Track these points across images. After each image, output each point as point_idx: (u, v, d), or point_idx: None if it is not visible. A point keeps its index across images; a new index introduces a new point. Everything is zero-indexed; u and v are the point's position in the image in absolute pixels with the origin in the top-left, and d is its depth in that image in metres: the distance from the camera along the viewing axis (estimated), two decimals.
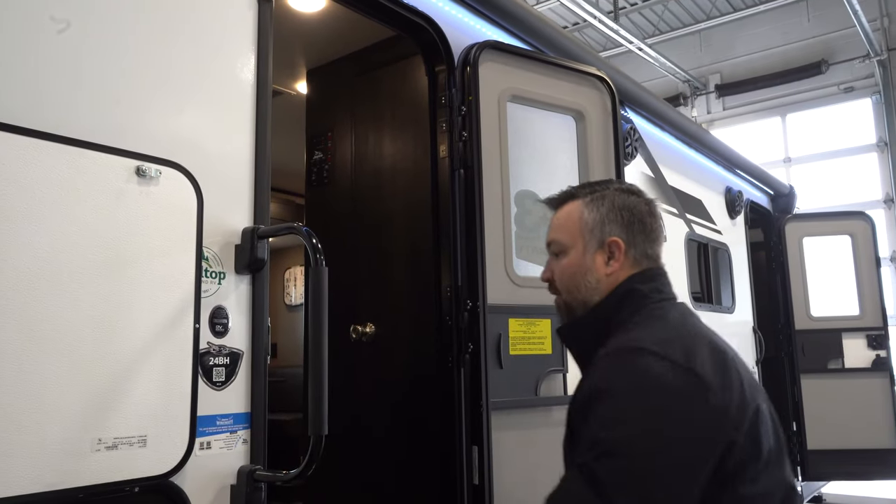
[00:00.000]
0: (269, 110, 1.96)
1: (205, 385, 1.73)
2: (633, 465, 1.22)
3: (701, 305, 4.47)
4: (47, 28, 1.53)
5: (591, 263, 1.53)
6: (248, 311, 1.87)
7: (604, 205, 1.55)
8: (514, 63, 2.77)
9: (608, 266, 1.52)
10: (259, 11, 1.98)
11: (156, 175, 1.64)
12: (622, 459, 1.22)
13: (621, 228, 1.53)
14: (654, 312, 1.46)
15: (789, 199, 6.29)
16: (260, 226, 1.87)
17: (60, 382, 1.44)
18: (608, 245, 1.52)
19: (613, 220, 1.54)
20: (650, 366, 1.28)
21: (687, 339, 1.36)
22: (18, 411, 1.37)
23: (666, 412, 1.25)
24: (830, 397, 5.56)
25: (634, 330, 1.41)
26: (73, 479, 1.44)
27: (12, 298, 1.38)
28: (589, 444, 1.27)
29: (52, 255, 1.45)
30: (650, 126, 4.23)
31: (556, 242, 1.59)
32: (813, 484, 6.00)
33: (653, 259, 1.56)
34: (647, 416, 1.25)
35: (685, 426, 1.25)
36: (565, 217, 1.59)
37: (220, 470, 1.75)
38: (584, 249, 1.54)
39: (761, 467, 1.30)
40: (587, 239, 1.54)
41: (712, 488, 1.24)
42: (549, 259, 1.62)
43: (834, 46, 10.36)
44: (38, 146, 1.45)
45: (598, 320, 1.50)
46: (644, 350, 1.32)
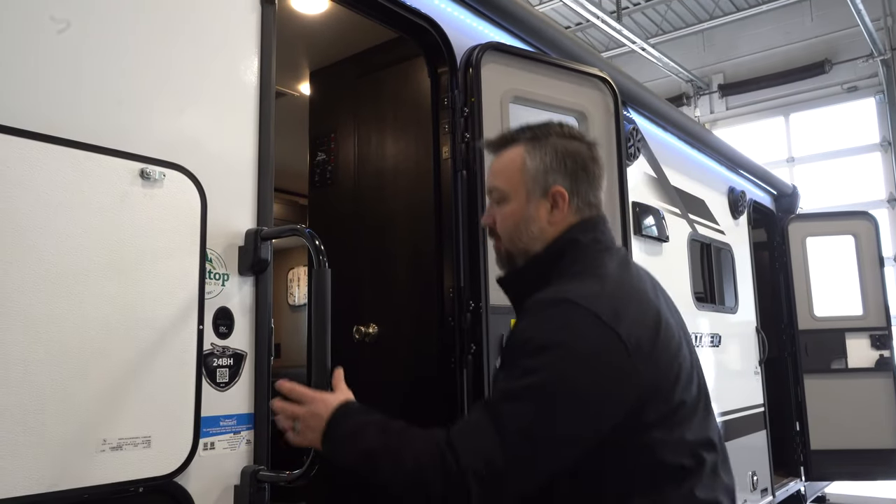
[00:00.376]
0: (272, 112, 1.97)
1: (208, 386, 1.74)
2: (539, 412, 1.26)
3: (704, 305, 4.47)
4: (50, 30, 1.54)
5: (535, 213, 1.50)
6: (252, 312, 1.87)
7: (546, 152, 1.51)
8: (517, 64, 2.77)
9: (551, 215, 1.50)
10: (262, 13, 1.99)
11: (160, 177, 1.65)
12: (527, 405, 1.26)
13: (564, 177, 1.50)
14: (592, 263, 1.45)
15: (792, 199, 6.29)
16: (263, 227, 1.88)
17: (66, 383, 1.45)
18: (552, 195, 1.49)
19: (557, 169, 1.50)
20: (573, 319, 1.31)
21: (618, 297, 1.37)
22: (25, 412, 1.38)
23: (579, 366, 1.28)
24: (834, 397, 5.56)
25: (569, 282, 1.42)
26: (78, 479, 1.46)
27: (18, 300, 1.39)
28: (502, 384, 1.33)
29: (57, 257, 1.46)
30: (653, 126, 4.23)
31: (496, 190, 1.55)
32: (816, 484, 6.00)
33: (594, 206, 1.54)
34: (559, 367, 1.27)
35: (595, 383, 1.28)
36: (507, 163, 1.54)
37: (224, 470, 1.77)
38: (526, 198, 1.51)
39: (678, 420, 1.36)
40: (530, 188, 1.50)
41: (626, 434, 1.31)
42: (490, 205, 1.58)
43: (837, 46, 10.34)
44: (43, 149, 1.46)
45: (539, 269, 1.49)
46: (570, 302, 1.33)
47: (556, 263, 1.48)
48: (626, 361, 1.30)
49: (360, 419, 1.42)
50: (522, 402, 1.27)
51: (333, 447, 1.42)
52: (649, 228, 3.84)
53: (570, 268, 1.45)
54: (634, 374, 1.31)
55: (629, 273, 1.49)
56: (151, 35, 1.72)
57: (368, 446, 1.36)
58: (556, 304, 1.35)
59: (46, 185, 1.46)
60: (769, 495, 4.93)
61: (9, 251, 1.39)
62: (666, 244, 4.03)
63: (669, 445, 1.35)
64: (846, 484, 6.49)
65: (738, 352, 4.93)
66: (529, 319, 1.37)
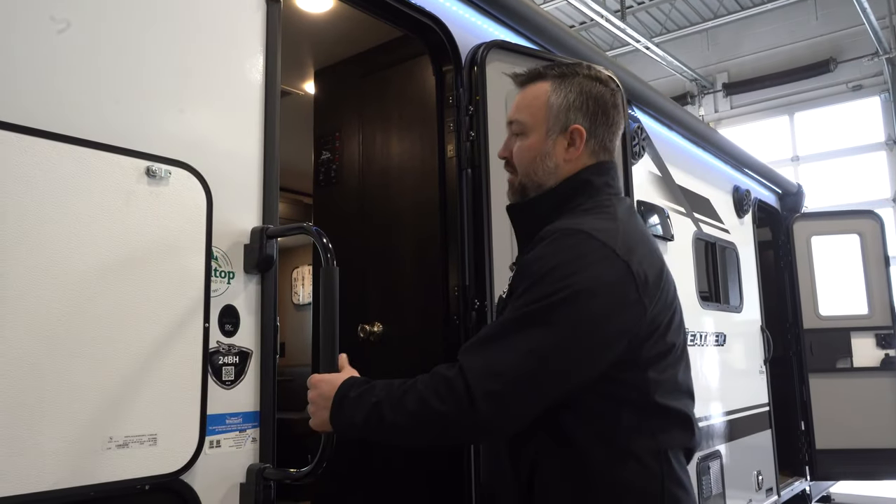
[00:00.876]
0: (277, 110, 1.97)
1: (214, 384, 1.74)
2: (550, 335, 1.31)
3: (708, 304, 4.46)
4: (55, 29, 1.54)
5: (552, 148, 1.54)
6: (257, 310, 1.87)
7: (571, 90, 1.54)
8: (522, 62, 2.76)
9: (567, 152, 1.53)
10: (267, 12, 1.99)
11: (165, 175, 1.66)
12: (541, 327, 1.32)
13: (585, 117, 1.53)
14: (602, 204, 1.51)
15: (797, 197, 6.27)
16: (269, 225, 1.88)
17: (71, 381, 1.45)
18: (570, 132, 1.53)
19: (579, 108, 1.53)
20: (589, 249, 1.37)
21: (630, 235, 1.43)
22: (31, 410, 1.39)
23: (592, 293, 1.33)
24: (839, 397, 5.54)
25: (582, 216, 1.47)
26: (84, 477, 1.46)
27: (24, 298, 1.39)
28: (517, 305, 1.36)
29: (63, 255, 1.46)
30: (657, 125, 4.22)
31: (518, 122, 1.58)
32: (821, 484, 5.99)
33: (609, 152, 1.58)
34: (573, 293, 1.32)
35: (606, 309, 1.34)
36: (532, 97, 1.57)
37: (230, 468, 1.76)
38: (546, 133, 1.54)
39: (670, 361, 1.45)
40: (551, 123, 1.54)
41: (623, 370, 1.38)
42: (509, 137, 1.61)
43: (842, 44, 10.31)
44: (49, 147, 1.46)
45: (550, 203, 1.53)
46: (586, 233, 1.39)
47: (567, 201, 1.52)
48: (634, 294, 1.36)
49: (365, 386, 1.45)
50: (536, 323, 1.32)
51: (342, 420, 1.44)
52: (654, 227, 3.84)
53: (582, 206, 1.50)
54: (640, 306, 1.37)
55: (636, 219, 1.55)
56: (157, 33, 1.72)
57: (375, 399, 1.39)
58: (572, 233, 1.40)
59: (52, 182, 1.46)
60: (774, 495, 4.92)
61: (15, 248, 1.39)
62: (671, 243, 4.02)
63: (661, 386, 1.42)
64: (851, 484, 6.47)
65: (743, 351, 4.92)
66: (545, 247, 1.40)
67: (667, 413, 1.44)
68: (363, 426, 1.40)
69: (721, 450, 4.25)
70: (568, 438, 1.41)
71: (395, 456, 2.95)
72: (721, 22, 11.19)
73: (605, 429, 1.40)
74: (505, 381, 1.30)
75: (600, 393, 1.39)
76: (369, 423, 1.38)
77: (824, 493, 6.31)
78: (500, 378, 1.30)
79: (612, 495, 1.39)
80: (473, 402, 1.28)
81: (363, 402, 1.40)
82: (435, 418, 1.32)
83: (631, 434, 1.40)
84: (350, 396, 1.43)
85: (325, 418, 1.47)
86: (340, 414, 1.44)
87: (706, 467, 3.99)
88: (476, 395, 1.28)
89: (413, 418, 1.35)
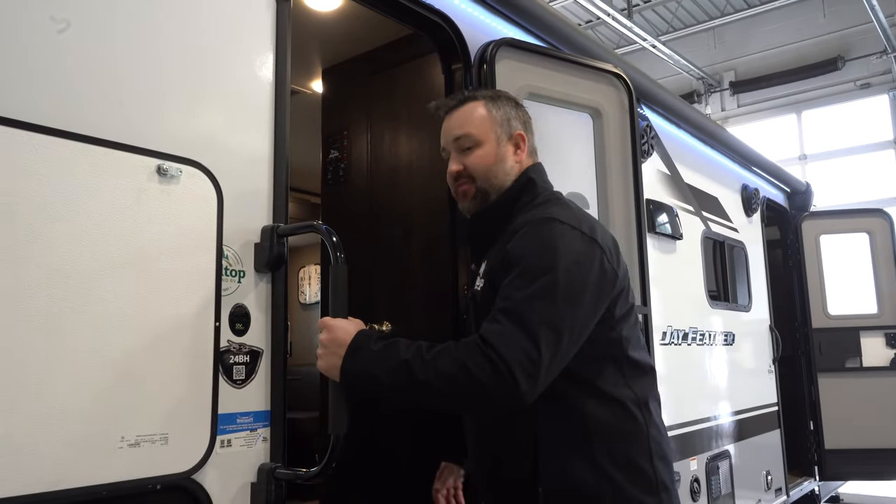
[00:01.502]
0: (287, 109, 1.96)
1: (225, 383, 1.73)
2: (556, 307, 1.50)
3: (717, 303, 4.45)
4: (70, 28, 1.53)
5: (505, 152, 1.77)
6: (268, 309, 1.87)
7: (505, 105, 1.81)
8: (531, 60, 2.76)
9: (516, 156, 1.79)
10: (277, 11, 1.99)
11: (177, 174, 1.65)
12: (547, 302, 1.50)
13: (521, 125, 1.82)
14: (549, 197, 1.77)
15: (806, 196, 6.24)
16: (279, 224, 1.88)
17: (83, 380, 1.45)
18: (515, 138, 1.79)
19: (516, 118, 1.81)
20: (563, 232, 1.59)
21: (585, 217, 1.69)
22: (43, 408, 1.38)
23: (576, 267, 1.55)
24: (848, 396, 5.52)
25: (542, 208, 1.69)
26: (96, 476, 1.45)
27: (36, 297, 1.39)
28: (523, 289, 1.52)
29: (74, 253, 1.46)
30: (666, 123, 4.20)
31: (467, 136, 1.77)
32: (830, 484, 5.96)
33: (536, 154, 1.87)
34: (565, 269, 1.53)
35: (590, 280, 1.57)
36: (472, 114, 1.78)
37: (241, 468, 1.76)
38: (497, 141, 1.77)
39: (632, 320, 1.71)
40: (499, 132, 1.77)
41: (604, 329, 1.62)
42: (455, 154, 1.79)
43: (850, 42, 10.27)
44: (62, 145, 1.46)
45: (508, 203, 1.75)
46: (557, 220, 1.61)
47: (519, 199, 1.75)
48: (606, 263, 1.61)
49: (386, 341, 1.52)
50: (542, 300, 1.50)
51: (358, 370, 1.51)
52: (663, 226, 3.82)
53: (534, 201, 1.74)
54: (612, 273, 1.62)
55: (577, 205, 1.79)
56: (169, 33, 1.72)
57: (405, 357, 1.48)
58: (546, 222, 1.62)
59: (65, 180, 1.45)
60: (783, 495, 4.90)
61: (27, 247, 1.39)
62: (679, 242, 4.00)
63: (630, 342, 1.67)
64: (860, 484, 6.44)
65: (751, 350, 4.90)
66: (525, 237, 1.60)
67: (638, 365, 1.68)
68: (389, 382, 1.48)
69: (730, 449, 4.23)
70: (562, 397, 1.60)
71: (404, 456, 2.94)
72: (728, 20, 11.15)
73: (592, 383, 1.63)
74: (535, 357, 1.45)
75: (585, 353, 1.58)
76: (397, 379, 1.47)
77: (833, 493, 6.28)
78: (531, 354, 1.44)
79: (606, 439, 1.60)
80: (514, 377, 1.42)
81: (389, 357, 1.49)
82: (474, 386, 1.44)
83: (614, 386, 1.63)
84: (371, 349, 1.51)
85: (334, 364, 1.54)
86: (356, 364, 1.51)
87: (715, 467, 3.98)
88: (515, 371, 1.42)
89: (449, 381, 1.45)
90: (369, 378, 1.50)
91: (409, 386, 1.47)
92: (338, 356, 1.53)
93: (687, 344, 3.99)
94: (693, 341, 4.06)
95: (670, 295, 3.85)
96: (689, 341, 4.02)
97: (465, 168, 1.77)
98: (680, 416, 3.75)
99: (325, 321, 1.59)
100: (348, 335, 1.54)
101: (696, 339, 4.09)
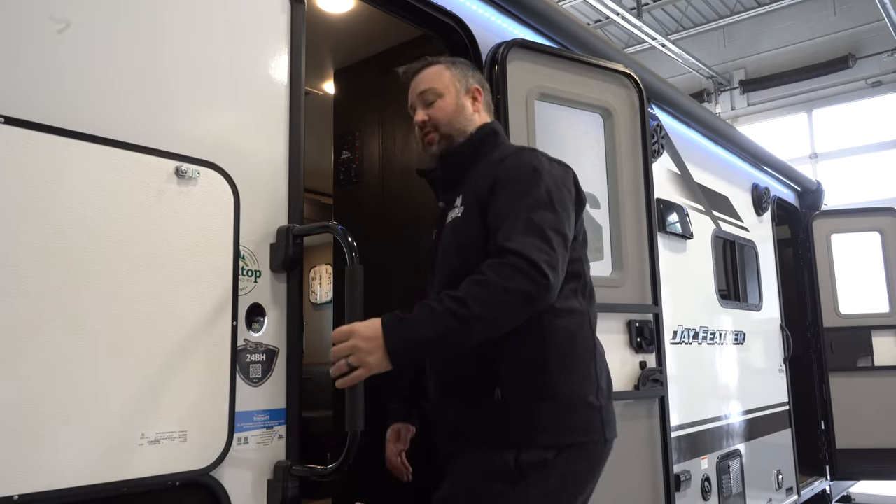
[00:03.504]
0: (302, 110, 1.99)
1: (242, 381, 1.76)
2: (555, 214, 1.72)
3: (728, 303, 4.44)
4: (90, 33, 1.56)
5: (464, 102, 1.99)
6: (283, 308, 1.89)
7: (462, 66, 2.06)
8: (542, 61, 2.77)
9: (474, 106, 2.01)
10: (292, 13, 2.01)
11: (194, 175, 1.68)
12: (545, 210, 1.71)
13: (477, 82, 2.05)
14: (511, 144, 2.05)
15: (817, 195, 6.21)
16: (295, 224, 1.90)
17: (105, 378, 1.48)
18: (472, 91, 2.01)
19: (472, 76, 2.05)
20: (540, 157, 1.85)
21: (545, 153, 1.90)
22: (65, 406, 1.41)
23: (558, 181, 1.80)
24: (860, 396, 5.49)
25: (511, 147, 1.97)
26: (117, 472, 1.48)
27: (59, 296, 1.42)
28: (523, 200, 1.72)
29: (96, 253, 1.48)
30: (676, 123, 4.21)
31: (431, 90, 1.98)
32: (842, 483, 5.94)
33: (492, 113, 2.10)
34: (552, 184, 1.77)
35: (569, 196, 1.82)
36: (435, 74, 2.00)
37: (258, 465, 1.78)
38: (457, 92, 1.99)
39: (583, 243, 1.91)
40: (458, 86, 2.00)
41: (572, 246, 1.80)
42: (420, 109, 1.99)
43: (861, 40, 10.22)
44: (82, 147, 1.49)
45: (474, 145, 1.96)
46: (531, 149, 1.94)
47: (484, 144, 1.96)
48: (575, 183, 1.88)
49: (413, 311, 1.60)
50: (541, 209, 1.71)
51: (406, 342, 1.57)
52: (673, 225, 3.83)
53: (495, 149, 1.95)
54: (579, 192, 1.88)
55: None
56: (186, 36, 1.75)
57: (443, 308, 1.57)
58: (523, 150, 1.93)
59: (86, 182, 1.48)
60: (794, 494, 4.89)
61: (50, 247, 1.42)
62: (690, 241, 4.00)
63: (585, 262, 1.88)
64: (872, 483, 6.42)
65: (762, 350, 4.89)
66: (511, 163, 1.83)
67: (587, 283, 1.88)
68: (440, 335, 1.56)
69: (741, 449, 4.23)
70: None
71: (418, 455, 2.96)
72: (738, 18, 11.11)
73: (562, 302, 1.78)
74: (552, 254, 1.65)
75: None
76: (449, 329, 1.56)
77: (845, 492, 6.25)
78: (548, 252, 1.64)
79: (560, 342, 1.75)
80: (543, 274, 1.60)
81: (426, 317, 1.57)
82: (515, 296, 1.59)
83: (570, 296, 1.79)
84: (404, 322, 1.58)
85: (378, 356, 1.56)
86: (399, 340, 1.56)
87: (726, 466, 3.98)
88: (543, 268, 1.60)
89: (499, 305, 1.58)
90: (420, 343, 1.58)
91: (460, 328, 1.56)
92: (378, 346, 1.56)
93: (697, 343, 3.99)
94: (704, 341, 4.06)
95: (681, 294, 3.85)
96: (700, 341, 4.02)
97: (429, 118, 1.97)
98: (690, 415, 3.75)
99: (344, 329, 1.60)
100: (374, 327, 1.58)
101: (706, 338, 4.09)
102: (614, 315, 2.85)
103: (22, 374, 1.36)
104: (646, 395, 2.89)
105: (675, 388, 3.32)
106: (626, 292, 2.89)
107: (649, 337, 2.94)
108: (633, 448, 2.83)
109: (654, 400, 2.94)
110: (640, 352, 2.92)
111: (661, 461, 2.91)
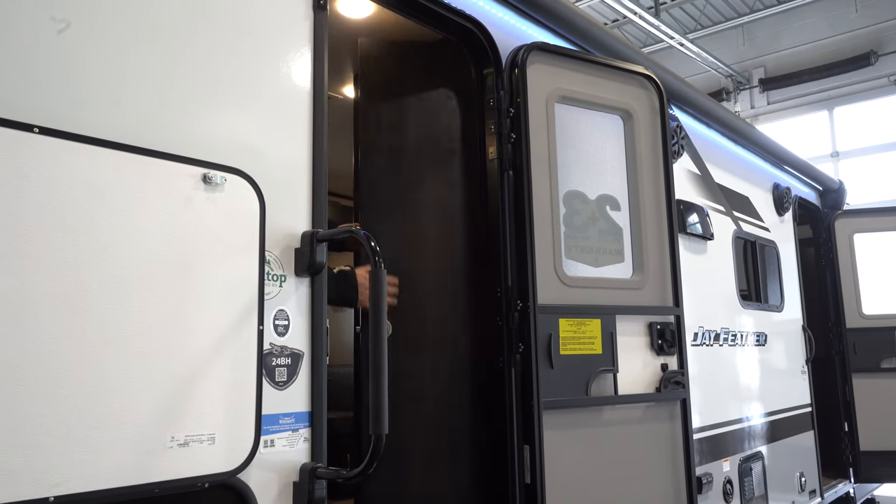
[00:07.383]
0: (324, 117, 2.01)
1: (268, 385, 1.78)
2: None
3: (749, 304, 4.42)
4: (119, 46, 1.59)
5: None
6: (308, 312, 1.92)
7: None
8: (562, 64, 2.78)
9: None
10: (315, 20, 2.03)
11: (221, 182, 1.70)
12: None
13: None
14: None
15: (839, 194, 6.15)
16: (319, 230, 1.92)
17: (137, 383, 1.50)
18: None
19: None
20: None
21: None
22: (99, 410, 1.44)
23: None
24: (884, 397, 5.43)
25: None
26: (148, 474, 1.51)
27: (93, 303, 1.45)
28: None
29: (127, 260, 1.51)
30: (696, 123, 4.19)
31: None
32: (866, 486, 5.87)
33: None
34: None
35: None
36: None
37: (284, 467, 1.81)
38: None
39: None
40: None
41: None
42: None
43: (883, 37, 10.09)
44: (113, 156, 1.52)
45: None
46: None
47: None
48: None
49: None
50: None
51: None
52: (694, 226, 3.81)
53: None
54: None
55: None
56: (212, 45, 1.78)
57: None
58: None
59: (117, 191, 1.51)
60: (817, 497, 4.84)
61: (84, 255, 1.45)
62: (710, 242, 3.99)
63: None
64: None
65: (784, 351, 4.86)
66: None
67: None
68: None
69: (763, 451, 4.20)
70: None
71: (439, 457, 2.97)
72: (757, 16, 11.02)
73: None
74: None
75: None
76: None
77: (869, 495, 6.18)
78: None
79: None
80: None
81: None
82: None
83: None
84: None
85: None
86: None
87: (748, 468, 3.96)
88: None
89: None
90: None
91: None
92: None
93: (719, 345, 3.97)
94: (725, 342, 4.04)
95: (701, 296, 3.84)
96: (721, 342, 4.00)
97: None
98: (712, 417, 3.74)
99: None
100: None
101: (727, 339, 4.07)
102: (635, 317, 2.85)
103: (57, 380, 1.39)
104: (668, 397, 2.88)
105: (696, 389, 3.31)
106: (646, 294, 2.89)
107: (671, 339, 2.93)
108: (655, 450, 2.82)
109: (675, 402, 2.93)
110: (661, 354, 2.91)
111: (683, 463, 2.90)
